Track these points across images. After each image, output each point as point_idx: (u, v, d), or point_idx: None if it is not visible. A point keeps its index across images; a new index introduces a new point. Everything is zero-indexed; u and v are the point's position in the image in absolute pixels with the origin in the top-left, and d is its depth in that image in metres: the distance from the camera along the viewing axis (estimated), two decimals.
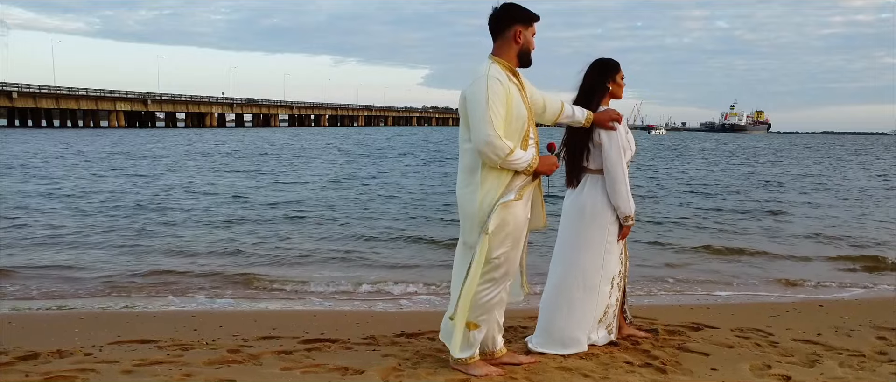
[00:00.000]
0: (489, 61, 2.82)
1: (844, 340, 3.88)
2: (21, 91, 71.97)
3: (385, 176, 19.09)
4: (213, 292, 5.58)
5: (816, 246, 8.35)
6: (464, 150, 2.87)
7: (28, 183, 15.09)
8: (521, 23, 2.81)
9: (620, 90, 3.41)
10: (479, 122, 2.69)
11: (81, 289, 5.67)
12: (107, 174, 17.93)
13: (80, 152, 28.26)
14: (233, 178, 17.71)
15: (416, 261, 7.05)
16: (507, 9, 2.83)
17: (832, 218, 11.09)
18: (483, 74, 2.73)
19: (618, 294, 3.50)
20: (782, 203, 13.15)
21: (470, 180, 2.84)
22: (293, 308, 4.99)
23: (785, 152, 44.82)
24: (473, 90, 2.72)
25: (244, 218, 10.08)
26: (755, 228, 9.77)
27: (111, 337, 3.82)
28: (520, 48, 2.84)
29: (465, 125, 2.81)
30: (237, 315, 4.65)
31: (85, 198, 12.39)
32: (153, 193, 13.54)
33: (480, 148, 2.71)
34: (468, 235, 2.91)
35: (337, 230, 8.97)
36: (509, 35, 2.81)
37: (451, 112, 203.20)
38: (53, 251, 7.39)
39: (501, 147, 2.69)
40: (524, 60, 2.88)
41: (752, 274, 6.61)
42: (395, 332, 3.90)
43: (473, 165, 2.82)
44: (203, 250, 7.47)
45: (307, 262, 6.93)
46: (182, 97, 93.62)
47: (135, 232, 8.61)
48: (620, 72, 3.39)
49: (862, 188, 17.17)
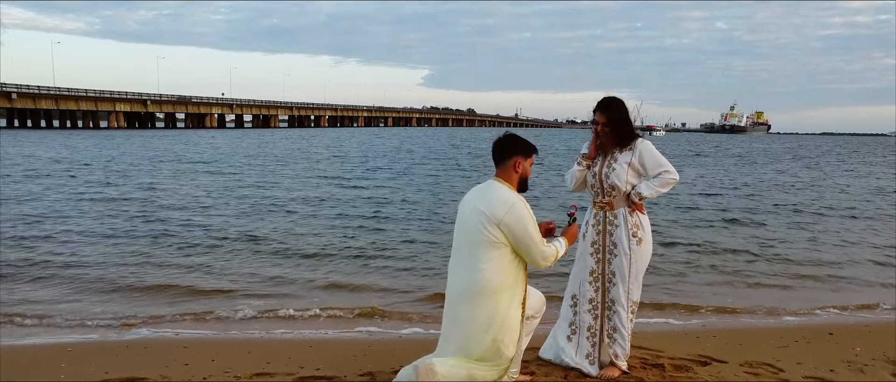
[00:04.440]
0: (501, 185, 3.07)
1: (857, 375, 3.76)
2: (20, 92, 71.83)
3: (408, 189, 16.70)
4: (205, 318, 5.42)
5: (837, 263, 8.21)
6: (480, 271, 2.98)
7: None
8: (521, 154, 3.11)
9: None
10: (532, 244, 3.00)
11: (73, 315, 5.48)
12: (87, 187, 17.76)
13: (56, 160, 27.98)
14: (232, 205, 17.47)
15: (411, 285, 6.85)
16: (510, 140, 3.12)
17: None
18: (514, 201, 2.99)
19: (589, 320, 3.67)
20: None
21: (484, 301, 2.99)
22: (287, 337, 4.84)
23: (812, 156, 44.54)
24: (515, 217, 2.96)
25: (238, 236, 9.92)
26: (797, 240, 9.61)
27: (99, 374, 3.69)
28: (519, 176, 3.12)
29: (486, 246, 2.97)
30: (230, 347, 4.49)
31: (77, 210, 12.24)
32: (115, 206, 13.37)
33: (540, 264, 3.08)
34: (476, 346, 3.04)
35: (336, 249, 8.77)
36: (510, 164, 3.09)
37: (451, 113, 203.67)
38: (43, 269, 7.25)
39: (552, 255, 3.08)
40: (523, 187, 3.14)
41: (763, 295, 6.48)
42: (393, 367, 3.77)
43: (489, 287, 2.98)
44: (195, 271, 7.30)
45: (303, 286, 6.64)
46: (182, 98, 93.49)
47: (130, 253, 8.44)
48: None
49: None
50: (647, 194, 3.53)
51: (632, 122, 3.63)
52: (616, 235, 3.60)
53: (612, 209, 3.61)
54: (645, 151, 3.57)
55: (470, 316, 3.01)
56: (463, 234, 3.06)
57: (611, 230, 3.62)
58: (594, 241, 3.66)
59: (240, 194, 14.96)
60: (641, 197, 3.55)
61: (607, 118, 3.55)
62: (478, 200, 3.03)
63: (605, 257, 3.64)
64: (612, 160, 3.59)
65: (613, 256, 3.61)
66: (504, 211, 2.95)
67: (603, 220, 3.64)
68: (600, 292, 3.67)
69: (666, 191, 3.63)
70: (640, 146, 3.57)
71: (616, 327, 3.64)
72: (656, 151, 3.59)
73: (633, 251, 3.58)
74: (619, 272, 3.60)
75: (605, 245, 3.64)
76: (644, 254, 3.64)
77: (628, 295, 3.62)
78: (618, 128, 3.56)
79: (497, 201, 2.98)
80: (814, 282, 7.17)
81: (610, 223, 3.61)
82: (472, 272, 2.98)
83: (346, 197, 14.72)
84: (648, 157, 3.56)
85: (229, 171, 21.84)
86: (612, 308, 3.64)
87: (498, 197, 3.00)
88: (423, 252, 8.37)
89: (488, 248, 2.96)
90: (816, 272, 7.57)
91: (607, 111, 3.57)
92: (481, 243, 2.96)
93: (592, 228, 3.67)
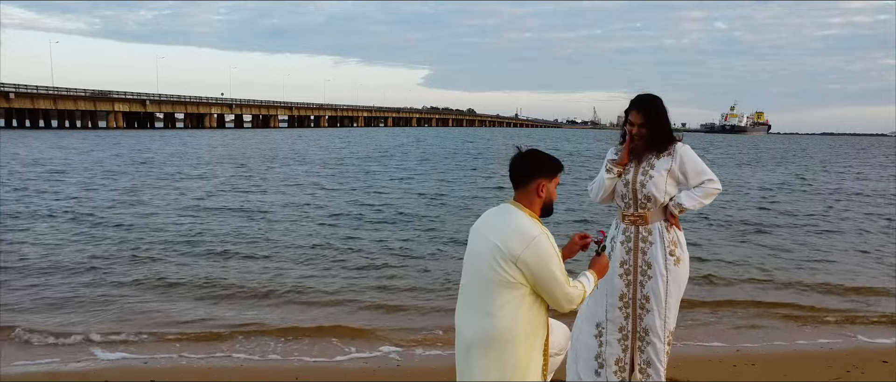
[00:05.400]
0: (520, 212, 2.51)
1: None
2: (18, 92, 71.37)
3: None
4: (187, 343, 4.85)
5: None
6: (492, 317, 2.43)
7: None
8: (544, 175, 2.53)
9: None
10: (556, 285, 2.44)
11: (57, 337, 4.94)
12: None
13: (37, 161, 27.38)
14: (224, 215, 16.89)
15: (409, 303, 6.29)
16: (531, 159, 2.55)
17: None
18: (534, 235, 2.41)
19: (618, 351, 3.18)
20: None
21: (498, 351, 2.45)
22: (274, 365, 4.29)
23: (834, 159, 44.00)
24: (535, 254, 2.39)
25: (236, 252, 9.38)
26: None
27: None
28: (542, 201, 2.55)
29: (499, 287, 2.42)
30: (208, 373, 3.95)
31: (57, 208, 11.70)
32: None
33: (564, 308, 2.51)
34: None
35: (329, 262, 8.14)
36: (531, 188, 2.53)
37: (451, 113, 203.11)
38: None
39: (578, 297, 2.52)
40: (547, 212, 2.60)
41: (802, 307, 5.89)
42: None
43: (504, 336, 2.44)
44: (187, 288, 6.69)
45: (296, 304, 6.02)
46: (181, 98, 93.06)
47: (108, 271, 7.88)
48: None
49: None
50: (689, 205, 3.06)
51: (671, 123, 3.18)
52: (650, 253, 3.11)
53: (646, 224, 3.12)
54: (686, 156, 3.09)
55: (483, 369, 2.45)
56: (473, 270, 2.51)
57: (644, 248, 3.12)
58: (623, 260, 3.16)
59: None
60: (682, 209, 3.07)
61: (645, 118, 3.07)
62: (491, 229, 2.50)
63: (636, 278, 3.14)
64: (648, 167, 3.10)
65: (647, 278, 3.12)
66: (522, 247, 2.39)
67: (634, 236, 3.14)
68: (631, 319, 3.16)
69: (708, 203, 3.13)
70: (680, 151, 3.10)
71: (650, 360, 3.15)
72: (697, 156, 3.12)
73: (671, 271, 3.09)
74: (654, 297, 3.10)
75: (636, 265, 3.14)
76: (682, 275, 3.15)
77: (665, 323, 3.12)
78: (656, 129, 3.09)
79: (514, 234, 2.43)
80: (863, 303, 6.22)
81: (643, 240, 3.13)
82: (483, 316, 2.44)
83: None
84: (690, 163, 3.09)
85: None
86: (645, 339, 3.14)
87: (515, 228, 2.44)
88: None
89: (502, 289, 2.41)
90: (868, 291, 6.64)
91: (646, 110, 3.08)
92: (494, 282, 2.42)
93: (621, 245, 3.17)
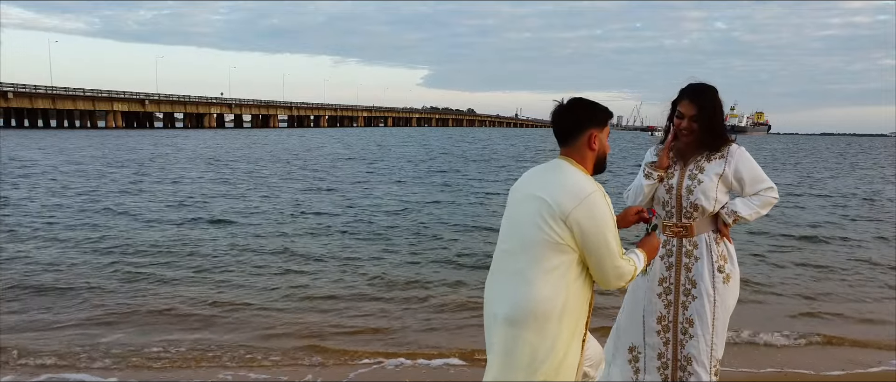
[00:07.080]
0: (572, 167, 2.17)
1: None
2: (17, 91, 70.97)
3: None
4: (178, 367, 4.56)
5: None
6: (531, 285, 2.07)
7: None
8: (596, 125, 2.19)
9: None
10: (608, 254, 2.08)
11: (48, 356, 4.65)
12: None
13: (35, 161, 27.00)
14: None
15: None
16: (578, 109, 2.19)
17: None
18: (590, 191, 2.08)
19: (657, 380, 2.82)
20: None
21: (533, 328, 2.08)
22: None
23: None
24: (589, 212, 2.05)
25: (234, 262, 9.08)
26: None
27: None
28: (596, 155, 2.21)
29: (544, 250, 2.07)
30: None
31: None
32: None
33: (612, 285, 2.15)
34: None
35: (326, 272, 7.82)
36: (583, 139, 2.18)
37: (451, 113, 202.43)
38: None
39: (629, 273, 2.15)
40: (600, 167, 2.26)
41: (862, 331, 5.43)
42: None
43: (542, 309, 2.07)
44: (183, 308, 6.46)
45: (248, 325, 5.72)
46: (180, 98, 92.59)
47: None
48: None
49: None
50: (745, 215, 2.69)
51: (725, 119, 2.76)
52: (695, 270, 2.72)
53: (691, 236, 2.73)
54: (743, 161, 2.71)
55: (509, 347, 2.10)
56: (513, 232, 2.16)
57: (688, 264, 2.74)
58: (663, 278, 2.78)
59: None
60: (737, 219, 2.70)
61: (698, 110, 2.67)
62: (537, 185, 2.15)
63: (678, 299, 2.76)
64: (697, 171, 2.72)
65: (691, 298, 2.73)
66: (574, 204, 2.04)
67: (677, 250, 2.76)
68: (671, 346, 2.78)
69: (765, 213, 2.77)
70: (736, 154, 2.71)
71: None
72: (755, 162, 2.74)
73: (719, 291, 2.70)
74: (700, 320, 2.71)
75: (679, 284, 2.76)
76: (732, 295, 2.76)
77: (711, 351, 2.73)
78: (709, 125, 2.68)
79: (565, 190, 2.08)
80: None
81: (687, 255, 2.74)
82: (520, 284, 2.08)
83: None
84: (748, 169, 2.71)
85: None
86: (687, 369, 2.74)
87: (568, 183, 2.09)
88: None
89: (548, 251, 2.06)
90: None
91: (699, 100, 2.68)
92: (539, 243, 2.06)
93: (661, 260, 2.79)
